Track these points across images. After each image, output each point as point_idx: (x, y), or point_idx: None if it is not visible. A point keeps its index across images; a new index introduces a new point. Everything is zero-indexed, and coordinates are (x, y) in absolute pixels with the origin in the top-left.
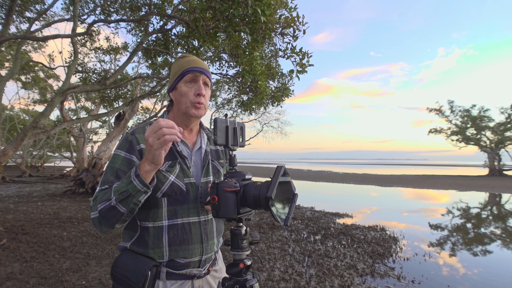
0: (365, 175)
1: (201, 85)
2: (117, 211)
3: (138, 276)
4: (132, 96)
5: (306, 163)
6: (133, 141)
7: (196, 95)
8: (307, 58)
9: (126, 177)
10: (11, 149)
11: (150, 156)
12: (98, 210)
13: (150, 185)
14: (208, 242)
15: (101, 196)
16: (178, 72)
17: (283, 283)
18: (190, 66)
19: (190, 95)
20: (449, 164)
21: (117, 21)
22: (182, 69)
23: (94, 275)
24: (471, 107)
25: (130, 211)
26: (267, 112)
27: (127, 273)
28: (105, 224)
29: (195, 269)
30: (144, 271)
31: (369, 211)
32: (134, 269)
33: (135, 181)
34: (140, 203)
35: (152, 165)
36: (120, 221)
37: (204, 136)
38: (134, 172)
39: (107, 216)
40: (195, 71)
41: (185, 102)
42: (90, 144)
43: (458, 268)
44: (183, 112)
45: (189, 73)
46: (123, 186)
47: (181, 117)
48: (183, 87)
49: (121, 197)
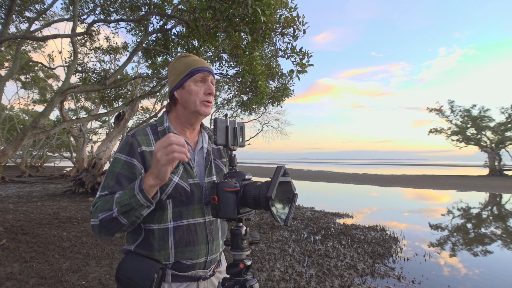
0: (365, 175)
1: (210, 84)
2: (118, 222)
3: (144, 279)
4: (132, 96)
5: (306, 163)
6: (133, 144)
7: (207, 94)
8: (307, 58)
9: (129, 189)
10: (11, 149)
11: (156, 171)
12: (99, 219)
13: (153, 200)
14: (213, 242)
15: (102, 205)
16: (186, 71)
17: (283, 283)
18: (199, 66)
19: (200, 94)
20: (449, 164)
21: (117, 21)
22: (190, 67)
23: (94, 275)
24: (471, 107)
25: (131, 223)
26: (267, 112)
27: (133, 276)
28: (105, 232)
29: (201, 271)
30: (150, 274)
31: (369, 211)
32: (140, 272)
33: (138, 196)
34: (142, 216)
35: (156, 180)
36: (121, 231)
37: (205, 135)
38: (138, 186)
39: (107, 226)
40: (205, 71)
41: (195, 100)
42: (90, 144)
43: (459, 268)
44: (191, 110)
45: (199, 73)
46: (126, 198)
47: (188, 116)
48: (193, 85)
49: (123, 210)
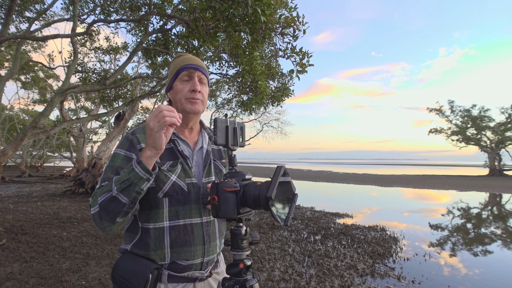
0: (365, 175)
1: (196, 81)
2: (118, 201)
3: (139, 279)
4: (132, 96)
5: (306, 163)
6: (133, 140)
7: (191, 91)
8: (307, 58)
9: (128, 166)
10: (11, 149)
11: (151, 141)
12: (99, 204)
13: (152, 172)
14: (210, 243)
15: (101, 190)
16: (173, 71)
17: (283, 283)
18: (184, 64)
19: (185, 91)
20: (449, 164)
21: (117, 21)
22: (177, 67)
23: (94, 275)
24: (471, 107)
25: (132, 201)
26: (267, 112)
27: (128, 276)
28: (106, 217)
29: (197, 272)
30: (145, 274)
31: (369, 211)
32: (135, 272)
33: (137, 168)
34: (142, 192)
35: (153, 150)
36: (122, 213)
37: (206, 136)
38: (135, 160)
39: (108, 208)
40: (190, 68)
41: (180, 99)
42: (90, 144)
43: (459, 268)
44: (180, 109)
45: (184, 71)
46: (125, 175)
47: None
48: (179, 85)
49: (123, 186)
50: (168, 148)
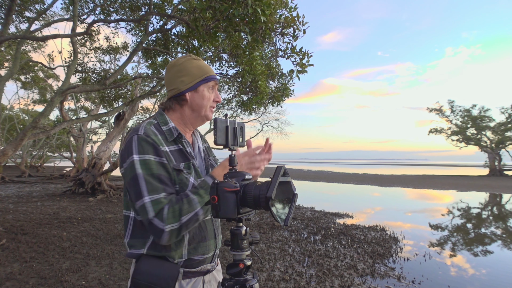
0: (365, 175)
1: (217, 93)
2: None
3: (168, 281)
4: (132, 96)
5: (306, 163)
6: (154, 144)
7: (215, 101)
8: (307, 58)
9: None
10: (11, 149)
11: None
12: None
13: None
14: (218, 236)
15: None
16: (202, 75)
17: (283, 283)
18: (213, 74)
19: (211, 100)
20: (449, 164)
21: (117, 21)
22: (206, 73)
23: (94, 275)
24: (471, 107)
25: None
26: (267, 112)
27: (154, 279)
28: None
29: (209, 265)
30: (174, 275)
31: (369, 211)
32: (161, 275)
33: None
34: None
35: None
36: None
37: (198, 135)
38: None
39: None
40: (216, 80)
41: (206, 105)
42: (89, 144)
43: (459, 268)
44: (200, 114)
45: (212, 81)
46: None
47: (195, 118)
48: (206, 91)
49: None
50: (178, 149)
